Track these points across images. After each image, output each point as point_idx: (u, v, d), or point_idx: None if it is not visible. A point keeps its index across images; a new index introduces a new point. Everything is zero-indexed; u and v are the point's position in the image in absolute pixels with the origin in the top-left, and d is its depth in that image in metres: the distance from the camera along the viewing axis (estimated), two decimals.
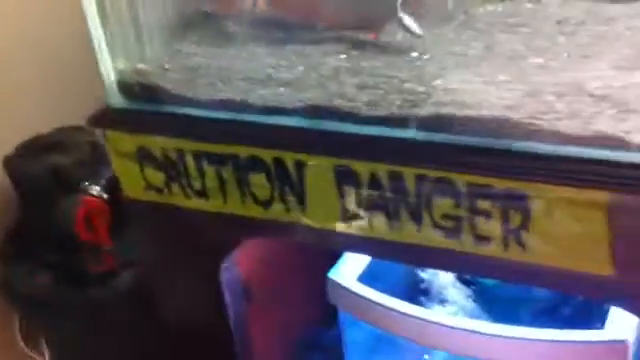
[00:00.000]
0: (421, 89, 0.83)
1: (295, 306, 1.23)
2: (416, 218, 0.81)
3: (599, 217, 0.71)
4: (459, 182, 0.77)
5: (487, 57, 0.88)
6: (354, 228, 0.86)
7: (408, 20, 0.92)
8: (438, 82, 0.84)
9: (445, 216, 0.79)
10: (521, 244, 0.76)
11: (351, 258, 1.06)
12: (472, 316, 1.13)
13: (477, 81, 0.82)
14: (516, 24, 0.96)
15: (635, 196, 0.69)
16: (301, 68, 0.93)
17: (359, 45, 0.96)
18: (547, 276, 0.77)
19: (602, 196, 0.70)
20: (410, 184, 0.79)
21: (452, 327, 0.90)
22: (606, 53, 0.84)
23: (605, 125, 0.72)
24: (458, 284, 1.19)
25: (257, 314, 1.13)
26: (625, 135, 0.70)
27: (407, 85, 0.84)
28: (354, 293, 1.01)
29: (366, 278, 1.06)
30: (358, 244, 0.88)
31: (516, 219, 0.75)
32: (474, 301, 1.18)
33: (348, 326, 1.08)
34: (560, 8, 0.98)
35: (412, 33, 0.93)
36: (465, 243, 0.79)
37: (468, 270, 0.91)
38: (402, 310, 0.98)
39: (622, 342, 0.86)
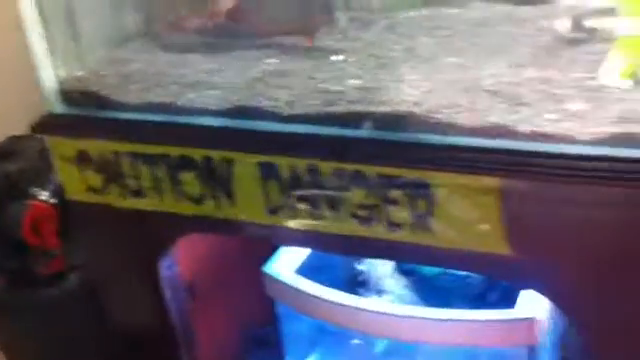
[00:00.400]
0: (338, 89, 0.89)
1: (243, 302, 1.27)
2: (335, 209, 0.87)
3: (493, 201, 0.77)
4: (371, 173, 0.83)
5: (404, 58, 0.94)
6: (280, 221, 0.91)
7: (344, 21, 1.00)
8: (356, 82, 0.90)
9: (360, 206, 0.85)
10: (427, 229, 0.82)
11: (288, 252, 1.11)
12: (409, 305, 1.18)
13: (390, 80, 0.89)
14: (436, 27, 1.03)
15: (524, 181, 0.76)
16: (231, 72, 0.98)
17: (290, 50, 1.02)
18: (453, 258, 0.83)
19: (494, 182, 0.77)
20: (327, 177, 0.85)
21: (372, 311, 0.96)
22: (511, 52, 0.91)
23: (497, 117, 0.78)
24: (396, 275, 1.24)
25: (203, 311, 1.17)
26: (514, 125, 0.76)
27: (326, 85, 0.90)
28: (289, 286, 1.06)
29: (304, 271, 1.10)
30: (285, 236, 0.94)
31: (422, 206, 0.81)
32: (412, 291, 1.24)
33: (286, 318, 1.12)
34: (479, 12, 1.05)
35: (345, 34, 1.00)
36: (379, 230, 0.85)
37: (384, 255, 0.96)
38: (336, 300, 1.03)
39: (531, 320, 0.92)
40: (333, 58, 0.96)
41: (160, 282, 1.06)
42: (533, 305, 0.93)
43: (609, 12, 0.87)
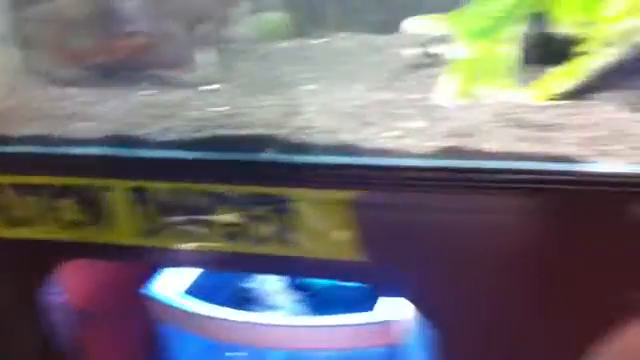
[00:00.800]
0: (207, 116, 0.95)
1: (139, 325, 1.30)
2: (206, 228, 0.92)
3: (346, 213, 0.85)
4: (236, 193, 0.89)
5: (271, 86, 1.02)
6: (157, 243, 0.96)
7: (203, 57, 1.07)
8: (224, 109, 0.97)
9: (229, 224, 0.91)
10: (291, 241, 0.89)
11: (173, 273, 1.15)
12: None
13: (256, 106, 0.96)
14: (303, 57, 1.11)
15: (372, 192, 0.84)
16: (109, 104, 1.04)
17: (166, 82, 1.08)
18: (316, 267, 0.90)
19: (347, 195, 0.84)
20: (196, 198, 0.91)
21: (242, 322, 1.02)
22: (365, 78, 1.00)
23: (348, 136, 0.86)
24: (287, 290, 1.30)
25: (97, 337, 1.20)
26: (362, 143, 0.85)
27: (196, 113, 0.97)
28: (171, 306, 1.10)
29: (191, 291, 1.15)
30: (164, 257, 0.98)
31: (285, 220, 0.88)
32: (303, 305, 1.29)
33: (171, 339, 1.16)
34: (342, 42, 1.15)
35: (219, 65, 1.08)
36: (247, 246, 0.91)
37: (254, 269, 1.03)
38: (215, 315, 1.08)
39: (389, 322, 0.99)
40: (205, 88, 1.03)
41: (48, 310, 1.08)
42: (395, 307, 1.00)
43: (448, 39, 0.97)
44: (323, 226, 0.87)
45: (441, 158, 0.82)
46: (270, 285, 1.28)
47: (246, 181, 0.89)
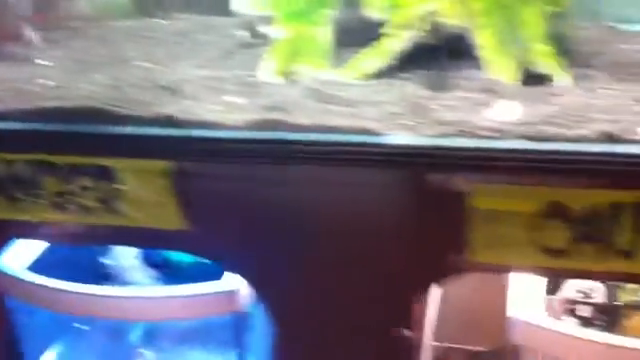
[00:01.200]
0: (35, 89, 0.97)
1: None
2: (32, 198, 0.94)
3: (167, 183, 0.89)
4: (61, 163, 0.91)
5: (103, 62, 1.04)
6: None
7: (33, 36, 1.07)
8: (51, 83, 0.98)
9: (56, 194, 0.93)
10: (116, 211, 0.92)
11: (23, 246, 1.15)
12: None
13: (84, 81, 0.98)
14: (142, 36, 1.14)
15: (191, 163, 0.87)
16: None
17: None
18: (143, 236, 0.93)
19: (167, 165, 0.88)
20: (22, 169, 0.92)
21: (91, 295, 1.03)
22: (197, 56, 1.04)
23: (169, 109, 0.89)
24: (142, 266, 1.32)
25: None
26: (184, 115, 0.88)
27: (25, 86, 0.97)
28: (19, 279, 1.10)
29: (43, 265, 1.14)
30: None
31: (109, 190, 0.91)
32: (160, 281, 1.31)
33: (19, 312, 1.16)
34: (181, 22, 1.18)
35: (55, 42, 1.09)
36: (75, 216, 0.93)
37: (84, 240, 1.03)
38: (65, 288, 1.08)
39: (233, 292, 1.04)
40: (38, 62, 1.04)
41: None
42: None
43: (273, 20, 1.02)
44: (147, 196, 0.90)
45: (258, 130, 0.87)
46: (125, 261, 1.30)
47: (71, 151, 0.91)
